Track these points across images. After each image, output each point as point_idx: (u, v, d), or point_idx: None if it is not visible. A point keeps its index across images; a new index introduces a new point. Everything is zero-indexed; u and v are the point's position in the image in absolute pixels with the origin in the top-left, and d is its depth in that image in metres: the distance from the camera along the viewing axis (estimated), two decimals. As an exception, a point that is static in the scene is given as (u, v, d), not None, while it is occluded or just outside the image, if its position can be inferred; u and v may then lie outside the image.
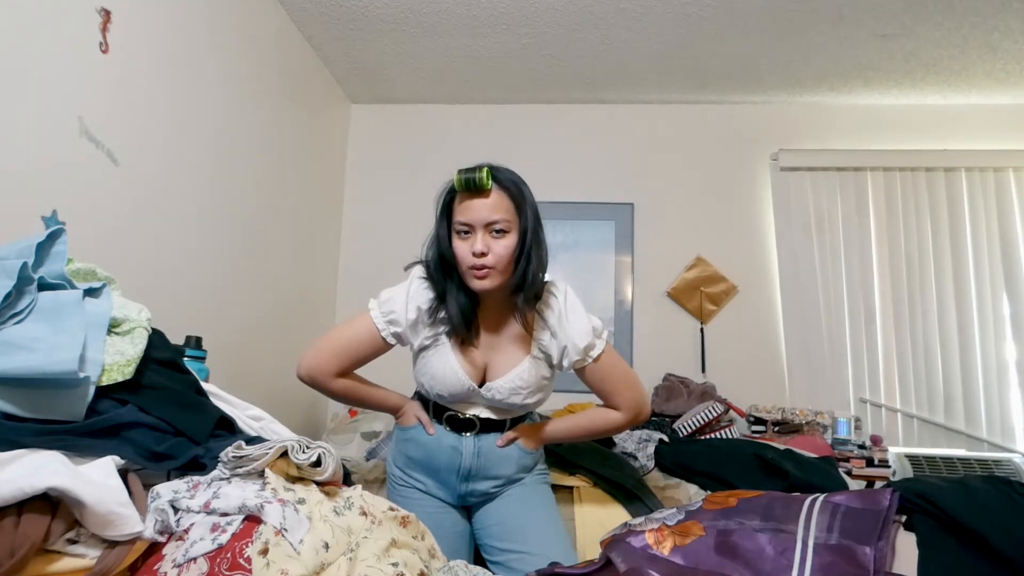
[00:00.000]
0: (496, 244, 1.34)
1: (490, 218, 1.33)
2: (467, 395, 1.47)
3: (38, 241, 0.97)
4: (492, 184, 1.34)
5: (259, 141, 2.60)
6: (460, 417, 1.50)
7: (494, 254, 1.34)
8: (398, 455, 1.60)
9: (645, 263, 3.38)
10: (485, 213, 1.33)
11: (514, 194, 1.37)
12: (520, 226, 1.37)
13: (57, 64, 1.55)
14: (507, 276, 1.38)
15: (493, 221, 1.33)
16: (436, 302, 1.43)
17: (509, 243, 1.35)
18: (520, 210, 1.37)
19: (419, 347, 1.48)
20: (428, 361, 1.47)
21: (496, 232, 1.34)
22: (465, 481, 1.52)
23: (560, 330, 1.42)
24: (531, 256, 1.37)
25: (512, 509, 1.53)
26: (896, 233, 3.22)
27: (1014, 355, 3.06)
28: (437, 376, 1.46)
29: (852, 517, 0.92)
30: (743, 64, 3.04)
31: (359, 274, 3.49)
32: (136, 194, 1.86)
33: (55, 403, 0.85)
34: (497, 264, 1.34)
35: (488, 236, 1.34)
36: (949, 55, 2.89)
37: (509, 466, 1.53)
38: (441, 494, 1.54)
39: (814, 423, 2.87)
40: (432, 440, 1.51)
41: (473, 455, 1.50)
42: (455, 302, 1.41)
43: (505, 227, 1.35)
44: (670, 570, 0.91)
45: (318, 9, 2.72)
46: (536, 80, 3.29)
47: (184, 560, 0.74)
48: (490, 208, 1.33)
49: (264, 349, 2.67)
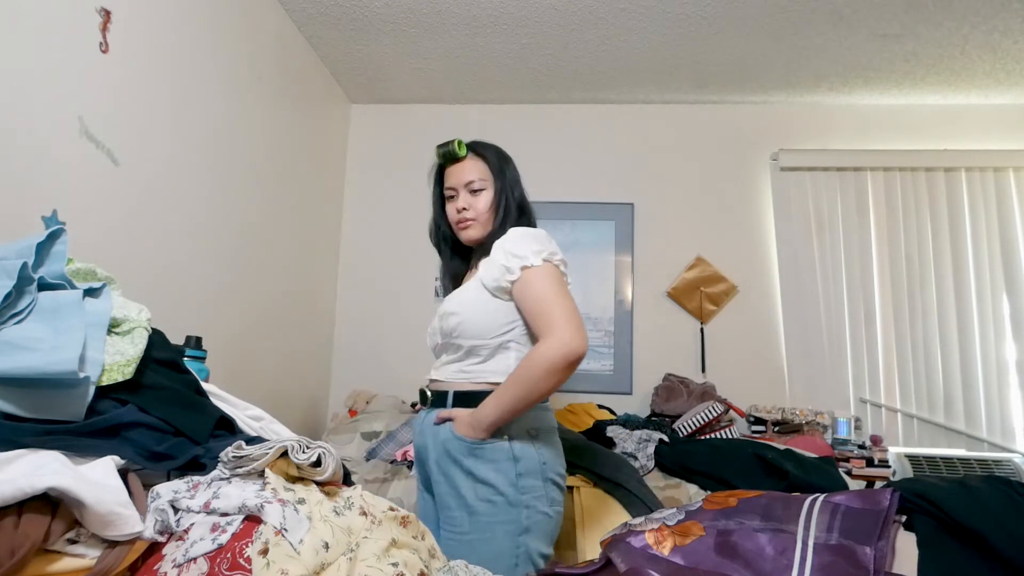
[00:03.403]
0: (475, 200, 1.54)
1: (467, 178, 1.54)
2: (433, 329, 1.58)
3: (38, 241, 0.97)
4: (467, 152, 1.56)
5: (259, 141, 2.60)
6: (422, 390, 1.57)
7: (473, 208, 1.53)
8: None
9: (645, 263, 3.38)
10: (463, 175, 1.54)
11: (487, 157, 1.57)
12: (495, 185, 1.55)
13: (57, 64, 1.55)
14: (488, 227, 1.54)
15: (470, 180, 1.54)
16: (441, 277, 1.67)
17: (486, 198, 1.54)
18: (494, 170, 1.56)
19: None
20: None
21: (474, 191, 1.54)
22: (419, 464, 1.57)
23: (492, 252, 1.46)
24: (507, 209, 1.54)
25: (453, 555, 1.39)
26: (896, 233, 3.22)
27: (1014, 355, 3.06)
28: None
29: (852, 517, 0.92)
30: (743, 64, 3.05)
31: (359, 274, 3.50)
32: (136, 194, 1.86)
33: (55, 403, 0.85)
34: (478, 217, 1.53)
35: (468, 195, 1.54)
36: (949, 55, 2.89)
37: (437, 448, 1.45)
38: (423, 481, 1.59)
39: (814, 423, 2.87)
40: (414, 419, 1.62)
41: (419, 432, 1.54)
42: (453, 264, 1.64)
43: (480, 185, 1.54)
44: (670, 570, 0.91)
45: (318, 9, 2.73)
46: (536, 80, 3.29)
47: (184, 560, 0.74)
48: (467, 171, 1.55)
49: (264, 349, 2.67)
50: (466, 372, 1.47)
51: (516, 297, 1.43)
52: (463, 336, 1.45)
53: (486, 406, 1.39)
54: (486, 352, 1.45)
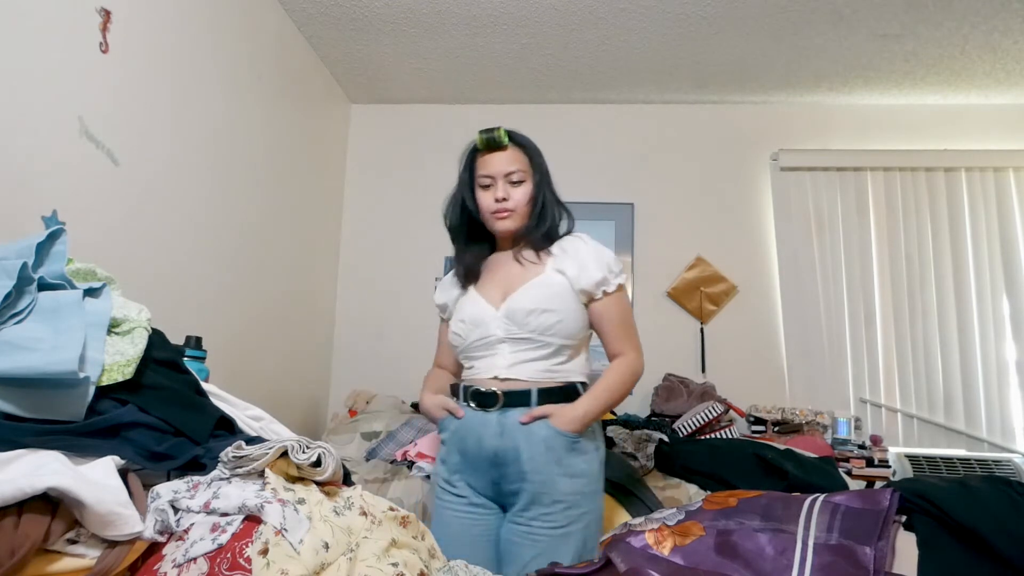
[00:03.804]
0: (514, 191, 1.54)
1: (508, 169, 1.54)
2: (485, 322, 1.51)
3: (38, 241, 0.97)
4: (508, 141, 1.56)
5: (259, 141, 2.60)
6: (482, 391, 1.47)
7: (513, 199, 1.54)
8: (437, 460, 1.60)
9: (645, 263, 3.38)
10: (504, 165, 1.54)
11: (528, 150, 1.59)
12: (535, 179, 1.58)
13: (57, 64, 1.55)
14: (524, 220, 1.57)
15: (511, 171, 1.54)
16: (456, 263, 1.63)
17: (525, 191, 1.56)
18: (533, 164, 1.58)
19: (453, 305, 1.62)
20: (458, 310, 1.60)
21: (513, 182, 1.54)
22: (494, 465, 1.46)
23: (575, 254, 1.54)
24: (545, 203, 1.58)
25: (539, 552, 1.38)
26: (896, 233, 3.21)
27: (1014, 355, 3.06)
28: (459, 314, 1.58)
29: (852, 517, 0.92)
30: (743, 64, 3.04)
31: (359, 274, 3.50)
32: (136, 194, 1.86)
33: (55, 403, 0.85)
34: (516, 207, 1.54)
35: (507, 185, 1.54)
36: (949, 55, 2.89)
37: (537, 447, 1.41)
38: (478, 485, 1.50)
39: (814, 423, 2.87)
40: (462, 423, 1.49)
41: (496, 434, 1.44)
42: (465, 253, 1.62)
43: (521, 177, 1.55)
44: (670, 570, 0.91)
45: (318, 9, 2.73)
46: (536, 80, 3.29)
47: (184, 560, 0.74)
48: (508, 161, 1.55)
49: (264, 349, 2.67)
50: (552, 371, 1.49)
51: (599, 308, 1.53)
52: (558, 335, 1.48)
53: (587, 405, 1.46)
54: (570, 352, 1.51)
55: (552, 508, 1.41)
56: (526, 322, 1.47)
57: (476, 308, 1.54)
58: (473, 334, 1.52)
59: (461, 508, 1.50)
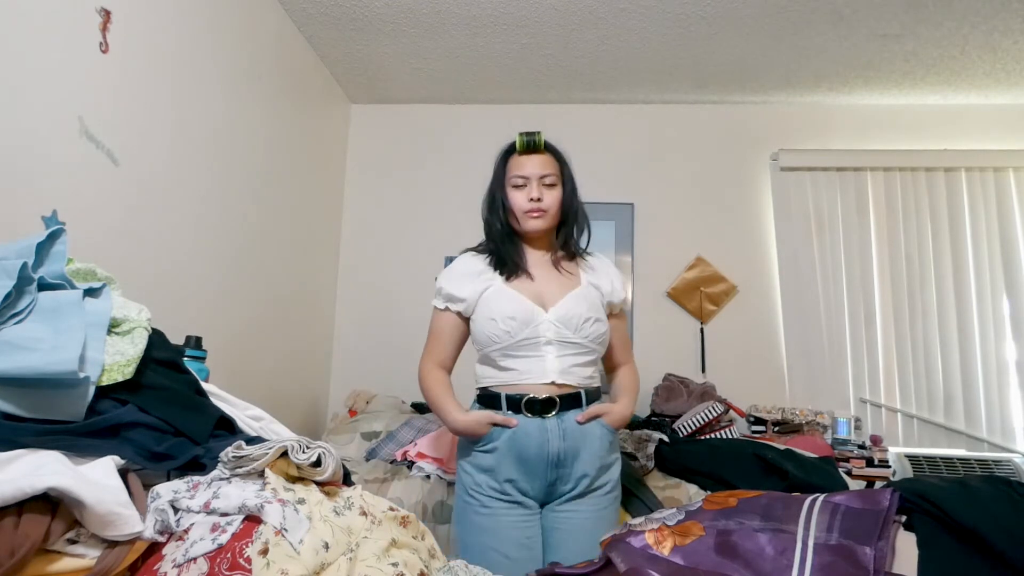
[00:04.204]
0: (547, 193, 1.64)
1: (543, 172, 1.64)
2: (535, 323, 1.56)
3: (38, 241, 0.97)
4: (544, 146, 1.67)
5: (259, 141, 2.60)
6: (539, 399, 1.54)
7: (546, 200, 1.63)
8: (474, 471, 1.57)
9: (645, 263, 3.38)
10: (539, 168, 1.64)
11: (560, 157, 1.70)
12: (565, 185, 1.68)
13: (57, 64, 1.55)
14: (555, 222, 1.67)
15: (546, 174, 1.64)
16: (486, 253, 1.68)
17: (557, 194, 1.66)
18: (564, 172, 1.69)
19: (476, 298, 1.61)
20: (488, 305, 1.60)
21: (547, 185, 1.64)
22: (555, 467, 1.53)
23: (605, 272, 1.70)
24: (574, 206, 1.69)
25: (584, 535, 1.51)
26: (896, 233, 3.22)
27: (1014, 355, 3.06)
28: (499, 310, 1.57)
29: (852, 517, 0.92)
30: (743, 64, 3.04)
31: (359, 274, 3.50)
32: (136, 194, 1.86)
33: (55, 403, 0.85)
34: (549, 208, 1.64)
35: (541, 187, 1.63)
36: (949, 55, 2.89)
37: (593, 444, 1.56)
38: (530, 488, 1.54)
39: (814, 423, 2.87)
40: (518, 431, 1.53)
41: (559, 437, 1.53)
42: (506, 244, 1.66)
43: (554, 181, 1.65)
44: (670, 570, 0.91)
45: (318, 9, 2.73)
46: (536, 80, 3.29)
47: (184, 560, 0.74)
48: (543, 164, 1.65)
49: (264, 349, 2.67)
50: (591, 377, 1.63)
51: (614, 322, 1.70)
52: (603, 344, 1.64)
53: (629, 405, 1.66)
54: (597, 358, 1.67)
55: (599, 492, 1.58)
56: (581, 328, 1.57)
57: (524, 307, 1.57)
58: (521, 333, 1.55)
59: (518, 515, 1.54)
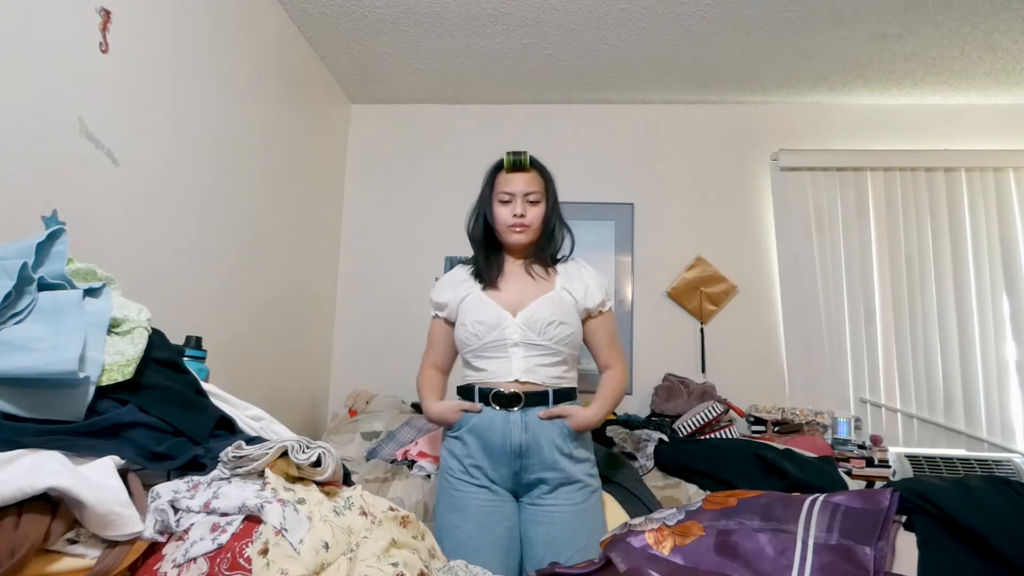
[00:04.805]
0: (531, 209, 1.73)
1: (528, 189, 1.73)
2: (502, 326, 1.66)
3: (38, 241, 0.97)
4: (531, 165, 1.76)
5: (259, 141, 2.60)
6: (505, 393, 1.64)
7: (529, 216, 1.73)
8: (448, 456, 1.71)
9: (645, 263, 3.38)
10: (524, 185, 1.73)
11: (544, 175, 1.79)
12: (547, 201, 1.77)
13: (57, 64, 1.55)
14: (537, 236, 1.76)
15: (530, 191, 1.73)
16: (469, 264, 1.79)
17: (540, 210, 1.75)
18: (548, 189, 1.78)
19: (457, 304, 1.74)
20: (466, 311, 1.72)
21: (531, 201, 1.73)
22: (518, 457, 1.62)
23: (580, 277, 1.76)
24: (554, 223, 1.78)
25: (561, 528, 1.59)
26: (896, 233, 3.21)
27: (1014, 355, 3.06)
28: (473, 314, 1.69)
29: (852, 517, 0.92)
30: (743, 64, 3.04)
31: (359, 274, 3.50)
32: (136, 194, 1.86)
33: (55, 403, 0.85)
34: (532, 224, 1.73)
35: (525, 203, 1.72)
36: (949, 55, 2.89)
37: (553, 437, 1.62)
38: (497, 476, 1.64)
39: (814, 423, 2.87)
40: (482, 419, 1.65)
41: (521, 430, 1.62)
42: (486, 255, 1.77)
43: (537, 198, 1.74)
44: (670, 570, 0.91)
45: (318, 9, 2.73)
46: (536, 80, 3.29)
47: (184, 560, 0.74)
48: (528, 182, 1.74)
49: (264, 349, 2.67)
50: (561, 377, 1.69)
51: (595, 324, 1.75)
52: (570, 346, 1.70)
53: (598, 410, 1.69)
54: (571, 361, 1.73)
55: (572, 487, 1.63)
56: (545, 331, 1.65)
57: (493, 312, 1.68)
58: (489, 335, 1.67)
59: (484, 497, 1.63)
